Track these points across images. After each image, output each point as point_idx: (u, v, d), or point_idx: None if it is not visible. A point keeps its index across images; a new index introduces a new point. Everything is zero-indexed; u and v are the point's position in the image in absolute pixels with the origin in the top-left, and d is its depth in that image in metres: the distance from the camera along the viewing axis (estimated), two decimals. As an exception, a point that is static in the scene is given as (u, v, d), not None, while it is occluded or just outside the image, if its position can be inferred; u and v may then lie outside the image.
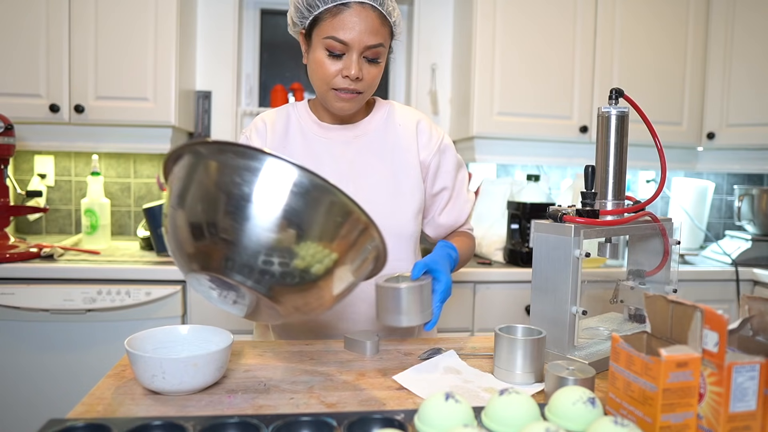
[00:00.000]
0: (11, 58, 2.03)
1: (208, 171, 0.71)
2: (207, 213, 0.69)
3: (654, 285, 1.10)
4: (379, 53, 1.07)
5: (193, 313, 1.90)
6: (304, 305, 0.74)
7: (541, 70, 2.29)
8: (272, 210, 0.67)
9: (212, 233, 0.69)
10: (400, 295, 0.92)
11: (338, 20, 1.03)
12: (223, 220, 0.68)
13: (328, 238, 0.71)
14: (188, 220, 0.71)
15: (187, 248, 0.71)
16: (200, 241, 0.70)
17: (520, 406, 0.65)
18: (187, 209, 0.71)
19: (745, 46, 2.38)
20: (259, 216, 0.67)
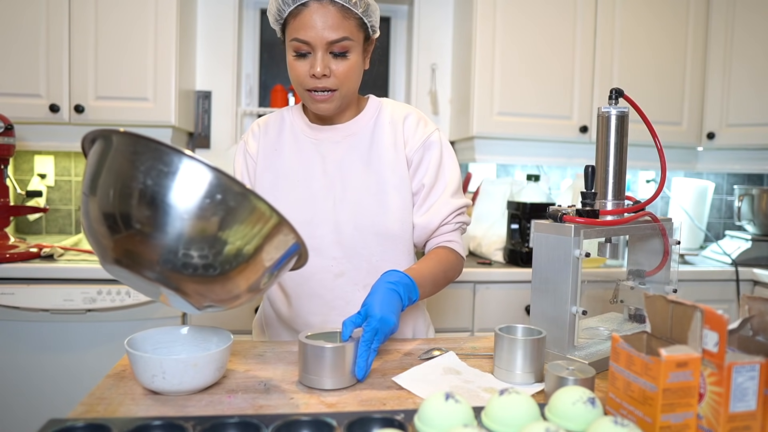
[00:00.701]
0: (11, 58, 2.03)
1: (118, 160, 0.72)
2: (118, 204, 0.70)
3: (654, 285, 1.10)
4: (346, 47, 1.05)
5: (193, 313, 1.90)
6: (214, 297, 0.75)
7: (541, 70, 2.29)
8: (182, 203, 0.69)
9: (124, 225, 0.70)
10: (324, 354, 0.85)
11: (299, 20, 1.04)
12: (134, 210, 0.69)
13: (231, 231, 0.71)
14: (100, 209, 0.72)
15: (102, 239, 0.72)
16: (114, 233, 0.71)
17: (520, 406, 0.65)
18: (99, 198, 0.72)
19: (745, 46, 2.38)
20: (166, 210, 0.68)
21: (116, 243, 0.71)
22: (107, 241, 0.72)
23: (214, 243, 0.70)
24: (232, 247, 0.71)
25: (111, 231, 0.71)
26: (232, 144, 2.51)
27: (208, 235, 0.70)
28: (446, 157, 1.19)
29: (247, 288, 0.76)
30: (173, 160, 0.69)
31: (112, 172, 0.71)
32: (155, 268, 0.71)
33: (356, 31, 1.07)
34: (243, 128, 2.59)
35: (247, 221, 0.72)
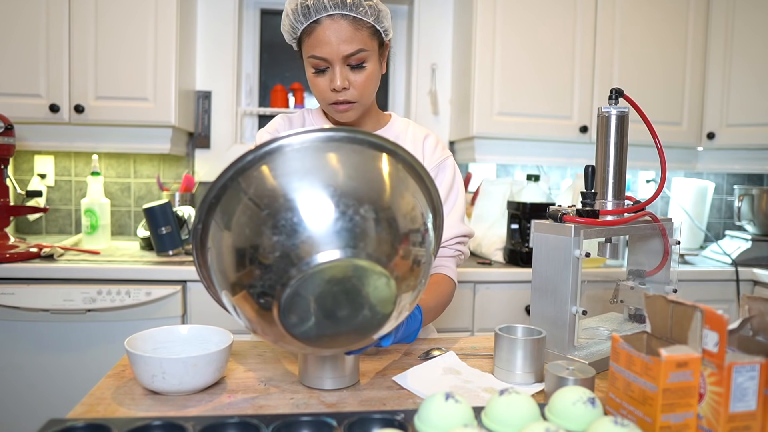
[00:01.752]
0: (11, 58, 2.03)
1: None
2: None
3: (654, 285, 1.10)
4: (362, 58, 1.07)
5: (193, 313, 1.90)
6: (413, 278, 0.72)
7: (541, 70, 2.29)
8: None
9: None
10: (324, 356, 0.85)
11: (313, 38, 1.05)
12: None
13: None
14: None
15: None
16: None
17: (520, 406, 0.65)
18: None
19: (746, 46, 2.38)
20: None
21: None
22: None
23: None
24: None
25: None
26: (232, 144, 2.51)
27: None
28: (457, 183, 1.23)
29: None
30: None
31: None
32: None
33: (370, 40, 1.08)
34: (243, 128, 2.59)
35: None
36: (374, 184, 0.70)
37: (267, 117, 2.65)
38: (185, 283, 1.89)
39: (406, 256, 0.70)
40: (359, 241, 0.65)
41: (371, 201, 0.68)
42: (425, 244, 0.74)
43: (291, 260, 0.64)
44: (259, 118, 2.64)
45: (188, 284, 1.89)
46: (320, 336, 0.70)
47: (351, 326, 0.70)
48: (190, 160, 2.51)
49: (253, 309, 0.68)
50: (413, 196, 0.74)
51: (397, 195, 0.71)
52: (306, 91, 2.63)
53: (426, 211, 0.76)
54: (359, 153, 0.72)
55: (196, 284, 1.89)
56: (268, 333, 0.70)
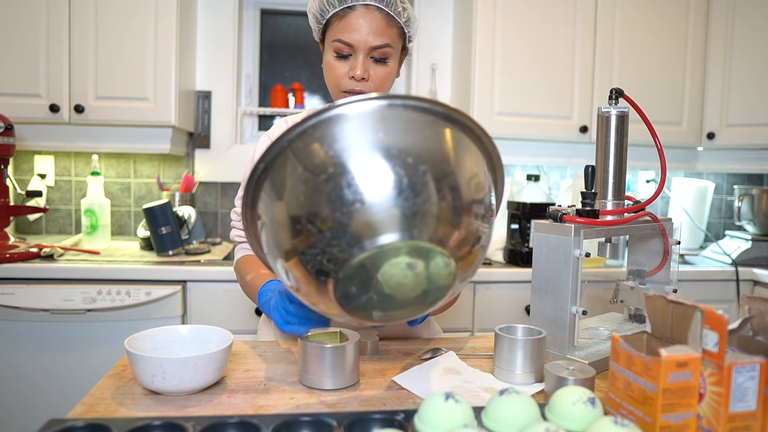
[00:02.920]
0: (11, 58, 2.03)
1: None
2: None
3: (654, 285, 1.10)
4: (387, 54, 1.07)
5: (193, 313, 1.90)
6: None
7: (541, 70, 2.29)
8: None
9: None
10: (324, 354, 0.85)
11: (344, 23, 1.05)
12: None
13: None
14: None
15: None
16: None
17: (520, 406, 0.65)
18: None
19: (746, 46, 2.38)
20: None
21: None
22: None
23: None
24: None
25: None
26: (232, 144, 2.51)
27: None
28: None
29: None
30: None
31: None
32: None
33: (397, 40, 1.08)
34: (243, 128, 2.59)
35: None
36: (439, 155, 0.66)
37: (267, 117, 2.65)
38: (185, 283, 1.89)
39: (473, 241, 0.67)
40: (422, 222, 0.62)
41: (445, 180, 0.64)
42: (489, 226, 0.71)
43: (352, 237, 0.61)
44: (259, 118, 2.64)
45: (188, 284, 1.89)
46: (374, 315, 0.68)
47: (406, 309, 0.68)
48: (190, 160, 2.51)
49: (308, 279, 0.66)
50: (477, 165, 0.71)
51: (470, 175, 0.68)
52: (306, 91, 2.63)
53: (490, 181, 0.73)
54: (419, 120, 0.68)
55: (196, 284, 1.89)
56: (319, 303, 0.69)
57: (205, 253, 2.09)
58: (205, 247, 2.14)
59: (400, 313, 0.69)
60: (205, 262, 1.95)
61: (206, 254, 2.09)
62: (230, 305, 1.91)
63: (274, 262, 0.70)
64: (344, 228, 0.61)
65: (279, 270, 0.70)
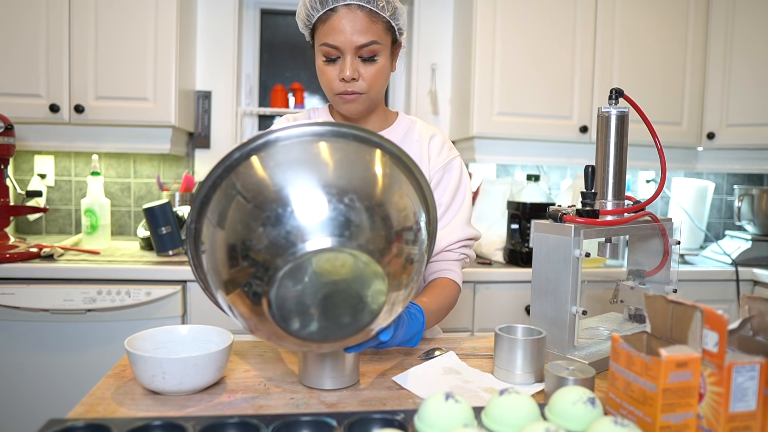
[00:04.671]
0: (11, 58, 2.03)
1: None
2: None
3: (654, 285, 1.10)
4: (375, 51, 1.07)
5: (193, 313, 1.90)
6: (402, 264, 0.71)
7: (541, 70, 2.29)
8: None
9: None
10: (324, 354, 0.85)
11: (328, 26, 1.05)
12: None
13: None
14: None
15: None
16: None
17: (520, 406, 0.65)
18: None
19: (746, 46, 2.38)
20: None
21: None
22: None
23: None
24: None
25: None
26: (233, 144, 2.51)
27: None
28: (464, 185, 1.21)
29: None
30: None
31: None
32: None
33: (384, 35, 1.08)
34: (243, 128, 2.59)
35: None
36: (363, 176, 0.70)
37: (267, 117, 2.65)
38: (185, 283, 1.89)
39: (398, 249, 0.70)
40: (345, 230, 0.65)
41: (360, 191, 0.68)
42: (417, 242, 0.73)
43: (278, 250, 0.64)
44: (259, 118, 2.64)
45: (188, 284, 1.89)
46: (313, 331, 0.69)
47: (343, 320, 0.69)
48: (190, 160, 2.51)
49: (246, 305, 0.68)
50: (404, 192, 0.74)
51: (388, 188, 0.71)
52: (306, 91, 2.63)
53: (419, 208, 0.76)
54: (348, 146, 0.72)
55: (196, 284, 1.88)
56: (263, 330, 0.70)
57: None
58: (205, 247, 2.13)
59: (345, 332, 0.71)
60: (205, 262, 1.95)
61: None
62: (230, 305, 1.91)
63: (223, 304, 0.73)
64: (271, 242, 0.64)
65: (221, 302, 0.73)
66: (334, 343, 0.73)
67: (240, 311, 0.70)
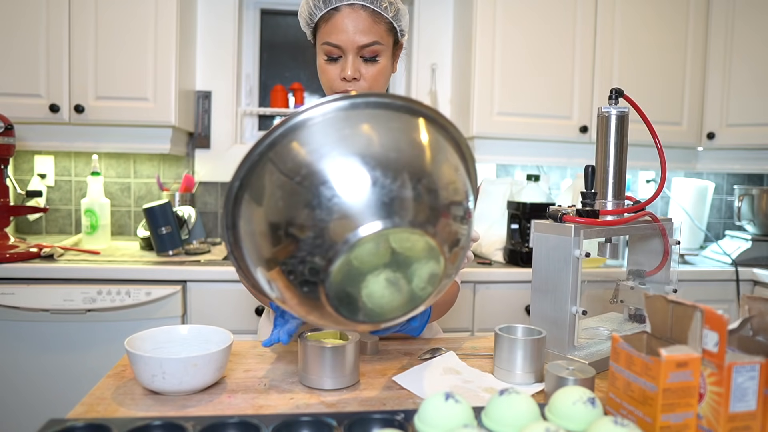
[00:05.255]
0: (11, 58, 2.03)
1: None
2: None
3: (654, 285, 1.10)
4: (377, 51, 1.07)
5: (193, 313, 1.90)
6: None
7: (541, 70, 2.29)
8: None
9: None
10: (324, 354, 0.85)
11: (331, 25, 1.05)
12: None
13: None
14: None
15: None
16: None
17: (520, 406, 0.65)
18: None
19: (746, 46, 2.38)
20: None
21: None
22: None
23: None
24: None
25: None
26: (233, 144, 2.51)
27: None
28: None
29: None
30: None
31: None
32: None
33: (386, 36, 1.08)
34: (243, 128, 2.59)
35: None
36: (413, 151, 0.67)
37: (267, 117, 2.65)
38: (185, 283, 1.89)
39: (448, 226, 0.67)
40: (402, 210, 0.62)
41: (412, 169, 0.64)
42: (466, 221, 0.70)
43: (335, 234, 0.61)
44: (259, 118, 2.64)
45: (188, 284, 1.89)
46: (363, 310, 0.67)
47: (395, 302, 0.67)
48: (190, 160, 2.51)
49: (294, 286, 0.65)
50: (460, 174, 0.71)
51: (438, 162, 0.68)
52: (306, 91, 2.63)
53: (467, 184, 0.72)
54: (398, 120, 0.69)
55: (196, 284, 1.89)
56: (307, 309, 0.68)
57: (205, 253, 2.10)
58: (205, 247, 2.14)
59: (395, 310, 0.68)
60: (205, 262, 1.95)
61: (206, 254, 2.09)
62: (230, 305, 1.91)
63: (262, 279, 0.69)
64: (325, 227, 0.61)
65: (263, 283, 0.69)
66: (377, 325, 0.71)
67: (283, 290, 0.67)
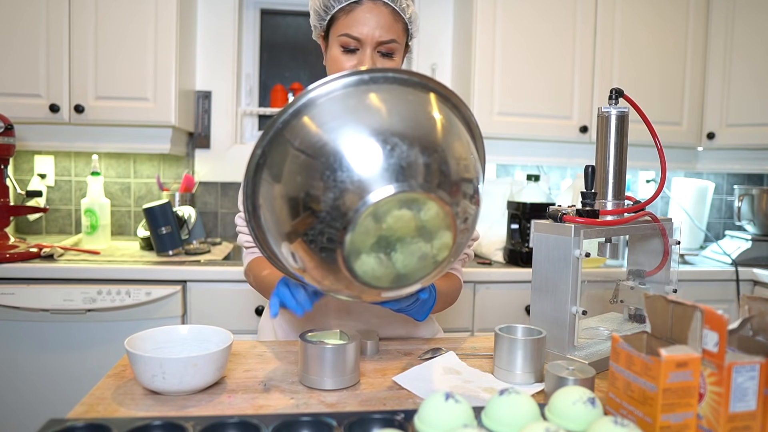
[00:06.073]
0: (11, 58, 2.03)
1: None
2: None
3: (654, 285, 1.10)
4: (393, 49, 1.08)
5: (193, 313, 1.90)
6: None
7: (541, 70, 2.29)
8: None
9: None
10: (324, 354, 0.85)
11: (351, 17, 1.05)
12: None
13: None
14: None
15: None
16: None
17: (520, 406, 0.65)
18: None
19: (746, 46, 2.38)
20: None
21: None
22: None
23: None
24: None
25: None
26: (232, 144, 2.51)
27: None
28: None
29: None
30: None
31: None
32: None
33: (402, 35, 1.09)
34: (243, 128, 2.59)
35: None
36: (429, 124, 0.68)
37: (267, 117, 2.65)
38: (185, 283, 1.89)
39: (465, 206, 0.68)
40: (414, 175, 0.63)
41: (426, 139, 0.66)
42: (474, 201, 0.72)
43: (351, 200, 0.63)
44: (259, 118, 2.64)
45: (188, 284, 1.89)
46: (378, 276, 0.68)
47: (409, 267, 0.68)
48: (190, 160, 2.51)
49: (313, 252, 0.67)
50: (465, 143, 0.72)
51: (452, 137, 0.69)
52: (306, 91, 2.63)
53: (478, 165, 0.74)
54: (396, 90, 0.70)
55: (196, 284, 1.89)
56: (323, 274, 0.69)
57: (205, 253, 2.09)
58: (205, 247, 2.14)
59: (409, 275, 0.69)
60: (205, 262, 1.95)
61: (206, 254, 2.09)
62: (230, 305, 1.91)
63: (279, 247, 0.71)
64: (342, 192, 0.63)
65: (285, 253, 0.71)
66: (388, 291, 0.72)
67: (306, 260, 0.68)
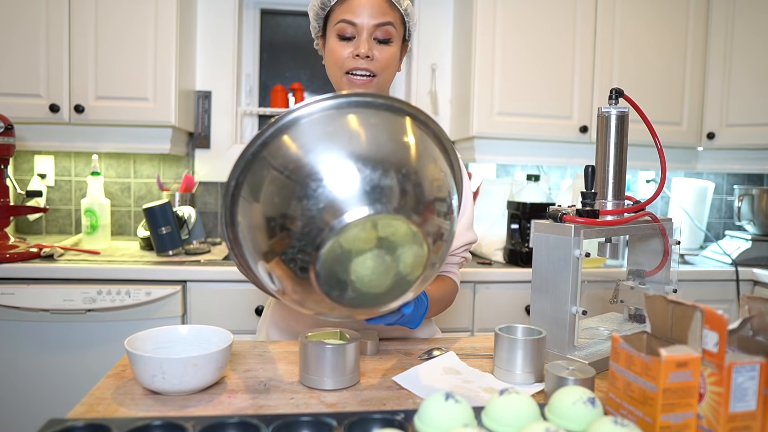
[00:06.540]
0: (11, 58, 2.03)
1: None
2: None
3: (654, 285, 1.10)
4: (391, 33, 1.09)
5: (193, 313, 1.90)
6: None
7: (541, 70, 2.29)
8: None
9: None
10: (324, 354, 0.85)
11: (347, 5, 1.08)
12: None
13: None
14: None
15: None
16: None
17: (520, 406, 0.65)
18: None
19: (746, 46, 2.38)
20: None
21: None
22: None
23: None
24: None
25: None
26: (232, 144, 2.51)
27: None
28: (466, 188, 1.22)
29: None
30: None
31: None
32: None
33: (398, 24, 1.11)
34: (243, 128, 2.59)
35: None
36: (400, 146, 0.71)
37: (267, 117, 2.65)
38: (185, 283, 1.89)
39: (438, 224, 0.70)
40: (385, 198, 0.65)
41: (392, 160, 0.68)
42: (451, 220, 0.73)
43: (322, 222, 0.64)
44: (259, 118, 2.64)
45: (188, 284, 1.89)
46: (353, 297, 0.69)
47: (383, 287, 0.70)
48: (190, 160, 2.51)
49: (289, 274, 0.68)
50: (442, 166, 0.74)
51: (423, 159, 0.71)
52: (306, 91, 2.63)
53: (451, 183, 0.76)
54: (381, 117, 0.72)
55: (196, 284, 1.89)
56: (301, 296, 0.70)
57: (205, 253, 2.10)
58: (205, 247, 2.14)
59: (384, 295, 0.71)
60: (205, 262, 1.95)
61: (206, 254, 2.09)
62: (230, 305, 1.91)
63: (257, 268, 0.73)
64: (313, 215, 0.65)
65: (263, 275, 0.72)
66: (367, 311, 0.74)
67: (282, 280, 0.70)
